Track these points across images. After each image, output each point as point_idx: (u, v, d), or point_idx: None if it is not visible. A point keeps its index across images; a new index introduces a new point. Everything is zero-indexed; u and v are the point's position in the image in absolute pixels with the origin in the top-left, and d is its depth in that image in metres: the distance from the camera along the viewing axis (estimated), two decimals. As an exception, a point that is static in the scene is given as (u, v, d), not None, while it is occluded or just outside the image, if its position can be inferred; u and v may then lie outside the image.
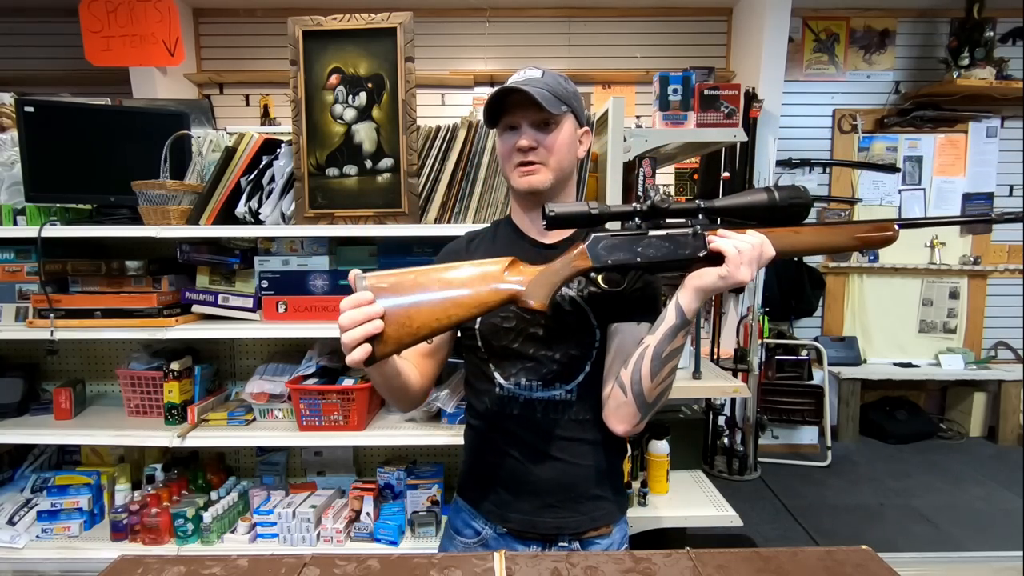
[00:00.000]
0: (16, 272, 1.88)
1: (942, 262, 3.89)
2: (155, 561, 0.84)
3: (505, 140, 0.96)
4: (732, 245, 0.80)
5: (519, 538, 0.99)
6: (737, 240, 0.81)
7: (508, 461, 0.97)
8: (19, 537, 1.79)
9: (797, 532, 2.61)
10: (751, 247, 0.80)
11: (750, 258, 0.80)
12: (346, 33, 1.68)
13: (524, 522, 0.98)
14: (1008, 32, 3.64)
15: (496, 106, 0.94)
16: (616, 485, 1.04)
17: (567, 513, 0.98)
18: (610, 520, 1.02)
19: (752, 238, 0.81)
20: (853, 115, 3.86)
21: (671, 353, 0.88)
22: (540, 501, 0.98)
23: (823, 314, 3.96)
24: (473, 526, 1.02)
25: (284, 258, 1.81)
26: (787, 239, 0.84)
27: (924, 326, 3.96)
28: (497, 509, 1.00)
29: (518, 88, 0.93)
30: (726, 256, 0.80)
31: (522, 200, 1.01)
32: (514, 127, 0.96)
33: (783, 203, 0.83)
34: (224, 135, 1.93)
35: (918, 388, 3.99)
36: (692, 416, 2.29)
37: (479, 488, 1.02)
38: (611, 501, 1.02)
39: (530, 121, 0.95)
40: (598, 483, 1.00)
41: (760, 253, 0.81)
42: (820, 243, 0.86)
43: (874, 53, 3.85)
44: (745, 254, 0.80)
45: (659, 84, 1.88)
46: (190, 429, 1.79)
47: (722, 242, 0.81)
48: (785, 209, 0.83)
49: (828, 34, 3.84)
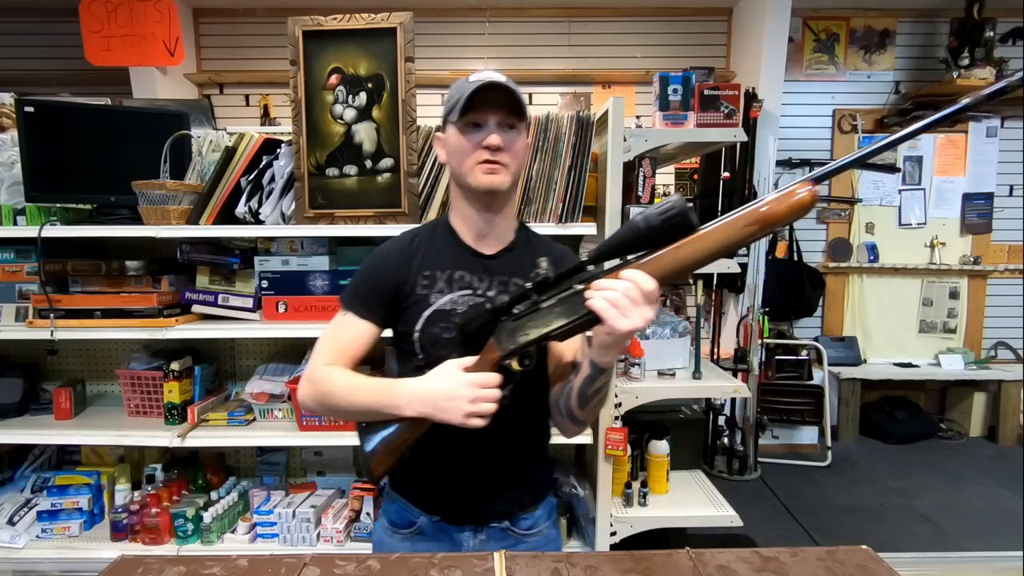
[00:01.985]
0: (16, 272, 1.88)
1: (942, 262, 3.89)
2: (155, 561, 0.84)
3: (470, 136, 0.93)
4: (602, 299, 0.76)
5: (452, 524, 1.03)
6: (606, 292, 0.76)
7: (439, 456, 0.99)
8: (19, 537, 1.80)
9: (797, 532, 2.61)
10: (621, 294, 0.76)
11: (625, 305, 0.75)
12: (346, 33, 1.68)
13: (456, 510, 1.02)
14: (1008, 32, 3.64)
15: (470, 99, 0.92)
16: (540, 468, 1.10)
17: (496, 499, 1.03)
18: (536, 499, 1.07)
19: (620, 283, 0.76)
20: (853, 115, 3.86)
21: (595, 391, 0.89)
22: (470, 491, 1.01)
23: (823, 314, 3.96)
24: (408, 517, 1.04)
25: (284, 258, 1.81)
26: (666, 260, 0.77)
27: (924, 326, 3.96)
28: (430, 500, 1.03)
29: (501, 84, 0.92)
30: (600, 314, 0.77)
31: (475, 199, 0.98)
32: (479, 124, 0.93)
33: (656, 224, 0.76)
34: (224, 135, 1.93)
35: (918, 388, 3.99)
36: (692, 416, 2.29)
37: (412, 481, 1.05)
38: (535, 484, 1.08)
39: (498, 121, 0.93)
40: (523, 470, 1.05)
41: (638, 293, 0.75)
42: (707, 248, 0.75)
43: (874, 53, 3.85)
44: (619, 303, 0.75)
45: (659, 84, 1.88)
46: (190, 429, 1.79)
47: (593, 301, 0.77)
48: (662, 230, 0.76)
49: (828, 34, 3.84)
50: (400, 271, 0.99)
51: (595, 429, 1.82)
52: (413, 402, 0.87)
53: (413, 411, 0.87)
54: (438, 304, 0.97)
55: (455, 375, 0.86)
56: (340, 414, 1.00)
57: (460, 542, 1.02)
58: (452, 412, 0.84)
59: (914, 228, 3.92)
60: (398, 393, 0.89)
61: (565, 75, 3.75)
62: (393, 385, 0.91)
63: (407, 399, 0.88)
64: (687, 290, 3.61)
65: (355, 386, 0.93)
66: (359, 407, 0.93)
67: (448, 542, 1.02)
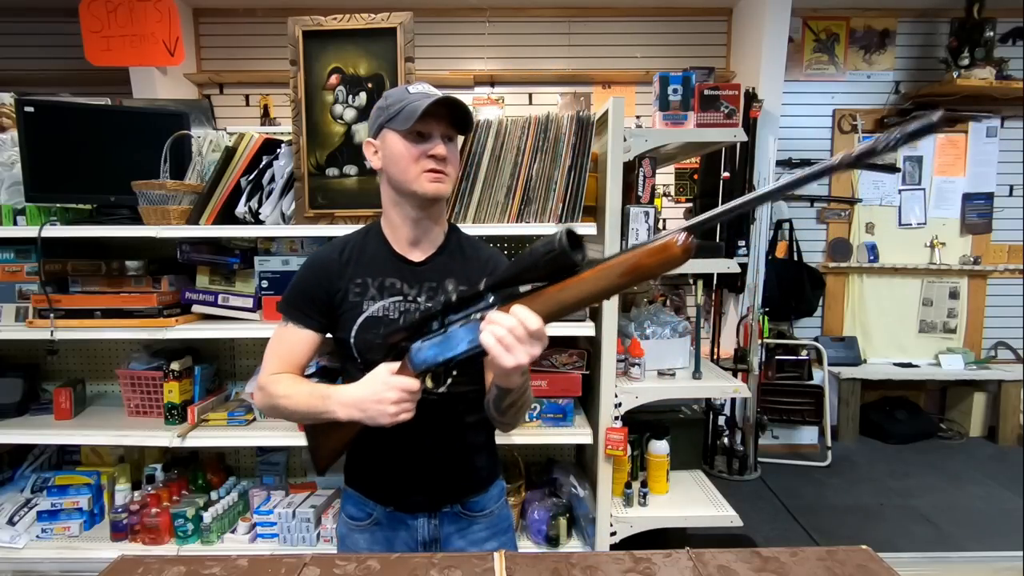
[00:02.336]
0: (16, 272, 1.88)
1: (942, 262, 3.88)
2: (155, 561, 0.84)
3: (416, 144, 0.98)
4: (491, 335, 0.79)
5: (406, 512, 1.08)
6: (495, 327, 0.78)
7: (387, 453, 1.06)
8: (19, 537, 1.80)
9: (797, 532, 2.61)
10: (507, 331, 0.77)
11: (511, 343, 0.77)
12: (346, 33, 1.68)
13: (408, 500, 1.07)
14: (1008, 32, 3.63)
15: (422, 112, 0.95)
16: (486, 455, 1.14)
17: (445, 488, 1.08)
18: (486, 483, 1.13)
19: (508, 320, 0.78)
20: (853, 115, 3.86)
21: (508, 405, 0.96)
22: (419, 482, 1.06)
23: (823, 314, 3.96)
24: (364, 509, 1.10)
25: (284, 258, 1.81)
26: (550, 300, 0.79)
27: (924, 326, 3.96)
28: (383, 492, 1.08)
29: (458, 102, 0.97)
30: (488, 350, 0.79)
31: (415, 206, 1.01)
32: (424, 135, 0.98)
33: (540, 260, 0.77)
34: (224, 135, 1.93)
35: (918, 388, 3.99)
36: (692, 416, 2.29)
37: (364, 477, 1.11)
38: (483, 468, 1.13)
39: (442, 133, 0.99)
40: (469, 459, 1.10)
41: (523, 332, 0.77)
42: (588, 292, 0.76)
43: (874, 53, 3.84)
44: (504, 340, 0.78)
45: (659, 84, 1.88)
46: (190, 429, 1.79)
47: (483, 336, 0.80)
48: (546, 264, 0.77)
49: (828, 34, 3.84)
50: (332, 280, 1.04)
51: (595, 429, 1.82)
52: (344, 407, 0.92)
53: (346, 415, 0.92)
54: (370, 311, 1.02)
55: (381, 381, 0.91)
56: (288, 418, 1.05)
57: (415, 528, 1.07)
58: (379, 416, 0.89)
59: (914, 228, 3.92)
60: (332, 400, 0.94)
61: (565, 75, 3.75)
62: (328, 393, 0.96)
63: (339, 405, 0.93)
64: (687, 290, 3.61)
65: (295, 394, 0.99)
66: (301, 413, 1.00)
67: (404, 529, 1.08)
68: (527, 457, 2.08)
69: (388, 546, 1.08)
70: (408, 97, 0.97)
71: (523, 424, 1.80)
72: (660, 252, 0.71)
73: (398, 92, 1.00)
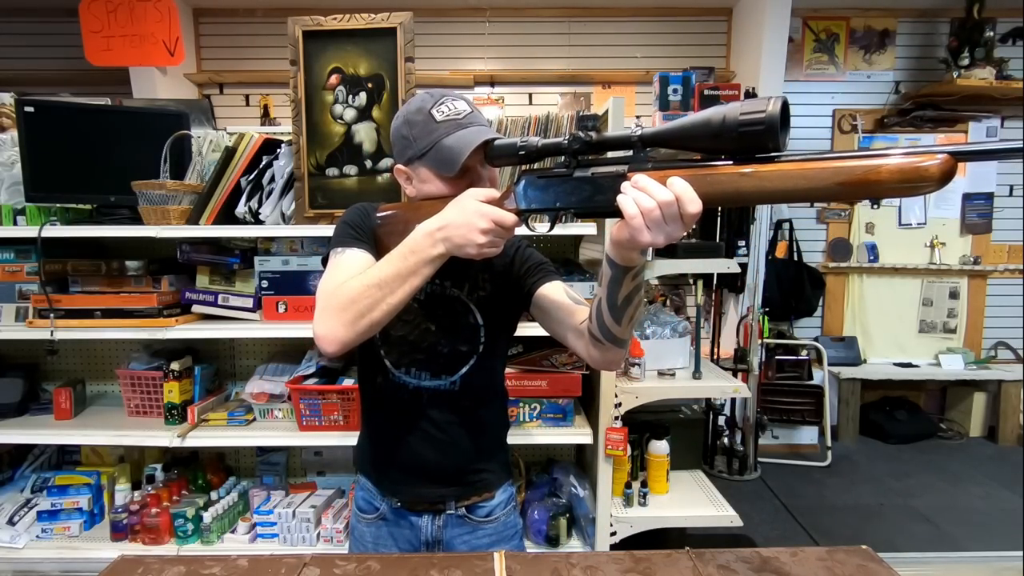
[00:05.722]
0: (16, 272, 1.88)
1: (942, 262, 3.88)
2: (155, 561, 0.85)
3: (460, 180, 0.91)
4: (632, 202, 0.67)
5: (411, 511, 1.06)
6: (642, 195, 0.66)
7: (399, 443, 1.04)
8: (19, 537, 1.79)
9: (797, 532, 2.61)
10: (655, 206, 0.65)
11: (654, 219, 0.65)
12: (346, 33, 1.68)
13: (414, 496, 1.06)
14: (1008, 32, 3.63)
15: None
16: (498, 456, 1.11)
17: (452, 487, 1.06)
18: (493, 487, 1.09)
19: (663, 193, 0.65)
20: (853, 115, 3.86)
21: (626, 298, 0.80)
22: (428, 478, 1.04)
23: (823, 314, 3.96)
24: (372, 503, 1.09)
25: (284, 258, 1.81)
26: (724, 184, 0.64)
27: (924, 326, 3.96)
28: (391, 486, 1.07)
29: (493, 135, 0.89)
30: (627, 219, 0.68)
31: None
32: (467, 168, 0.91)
33: (731, 131, 0.62)
34: (224, 135, 1.93)
35: (918, 388, 3.98)
36: (692, 416, 2.30)
37: (376, 467, 1.09)
38: (493, 472, 1.09)
39: (480, 161, 0.91)
40: (479, 459, 1.07)
41: (674, 211, 0.65)
42: (776, 189, 0.62)
43: (874, 53, 3.84)
44: (648, 214, 0.66)
45: (659, 84, 1.88)
46: (190, 429, 1.79)
47: (623, 198, 0.68)
48: (736, 139, 0.62)
49: (828, 34, 3.83)
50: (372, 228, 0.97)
51: (595, 429, 1.82)
52: (429, 235, 0.81)
53: (430, 244, 0.81)
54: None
55: (473, 208, 0.80)
56: (373, 311, 0.82)
57: (419, 528, 1.06)
58: (466, 244, 0.79)
59: (914, 228, 3.91)
60: (418, 237, 0.82)
61: (565, 75, 3.74)
62: (409, 237, 0.84)
63: (423, 235, 0.81)
64: (687, 290, 3.61)
65: (373, 270, 0.84)
66: (389, 277, 0.82)
67: (408, 527, 1.07)
68: (527, 457, 2.08)
69: (391, 542, 1.07)
70: (437, 130, 0.89)
71: (523, 424, 1.81)
72: (911, 173, 0.56)
73: (423, 120, 0.91)
